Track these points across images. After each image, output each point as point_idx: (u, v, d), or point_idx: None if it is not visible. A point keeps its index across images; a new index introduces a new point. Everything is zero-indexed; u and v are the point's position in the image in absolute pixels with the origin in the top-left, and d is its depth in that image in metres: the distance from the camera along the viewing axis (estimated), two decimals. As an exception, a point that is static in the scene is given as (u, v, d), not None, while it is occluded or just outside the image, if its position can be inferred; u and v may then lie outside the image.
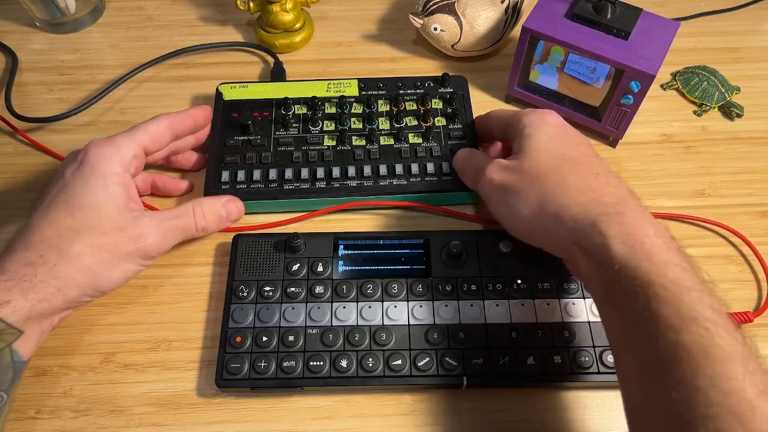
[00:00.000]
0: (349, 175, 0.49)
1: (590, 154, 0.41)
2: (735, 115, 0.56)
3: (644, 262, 0.33)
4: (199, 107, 0.49)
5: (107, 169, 0.41)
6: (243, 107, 0.52)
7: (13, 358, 0.36)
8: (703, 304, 0.31)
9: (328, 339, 0.42)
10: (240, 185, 0.49)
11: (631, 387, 0.33)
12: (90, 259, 0.38)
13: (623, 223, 0.35)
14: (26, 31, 0.63)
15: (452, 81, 0.54)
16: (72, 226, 0.39)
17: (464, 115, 0.52)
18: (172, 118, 0.46)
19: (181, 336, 0.44)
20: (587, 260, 0.36)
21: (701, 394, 0.28)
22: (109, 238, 0.39)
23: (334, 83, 0.54)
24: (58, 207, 0.39)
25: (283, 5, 0.58)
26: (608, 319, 0.36)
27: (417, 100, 0.53)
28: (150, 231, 0.41)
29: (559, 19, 0.50)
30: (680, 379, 0.29)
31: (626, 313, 0.33)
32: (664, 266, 0.33)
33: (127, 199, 0.41)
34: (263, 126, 0.52)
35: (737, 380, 0.28)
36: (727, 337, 0.30)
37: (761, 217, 0.50)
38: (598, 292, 0.37)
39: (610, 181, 0.39)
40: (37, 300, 0.36)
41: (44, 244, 0.38)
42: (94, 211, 0.39)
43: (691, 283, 0.32)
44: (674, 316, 0.31)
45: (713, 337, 0.30)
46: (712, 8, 0.64)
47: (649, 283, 0.32)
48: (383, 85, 0.54)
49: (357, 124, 0.52)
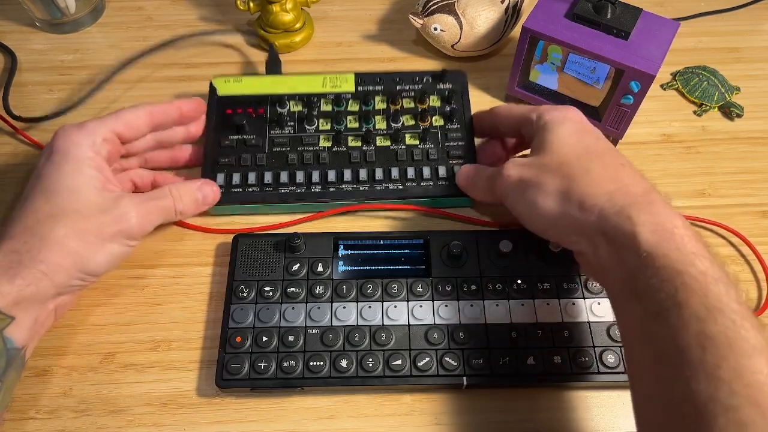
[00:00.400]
0: (344, 180, 0.49)
1: (613, 148, 0.41)
2: (735, 115, 0.56)
3: (674, 251, 0.33)
4: (188, 99, 0.49)
5: (79, 154, 0.41)
6: (237, 104, 0.52)
7: (6, 345, 0.36)
8: (729, 297, 0.31)
9: (328, 339, 0.42)
10: (235, 188, 0.48)
11: (646, 379, 0.33)
12: (74, 242, 0.39)
13: (652, 212, 0.35)
14: (26, 31, 0.63)
15: (451, 76, 0.54)
16: (51, 212, 0.39)
17: (462, 115, 0.52)
18: (153, 107, 0.46)
19: (181, 336, 0.44)
20: (611, 249, 0.36)
21: (724, 384, 0.28)
22: (92, 220, 0.39)
23: (330, 78, 0.53)
24: (35, 196, 0.40)
25: (283, 5, 0.58)
26: (626, 310, 0.35)
27: (415, 96, 0.53)
28: (131, 211, 0.41)
29: (559, 19, 0.50)
30: (703, 370, 0.29)
31: (649, 303, 0.33)
32: (693, 257, 0.33)
33: (104, 181, 0.41)
34: (258, 125, 0.51)
35: (761, 374, 0.28)
36: (752, 330, 0.30)
37: (761, 218, 0.50)
38: (617, 283, 0.36)
39: (635, 173, 0.39)
40: (24, 285, 0.37)
41: (27, 233, 0.38)
42: (72, 195, 0.40)
43: (718, 275, 0.32)
44: (701, 306, 0.31)
45: (738, 329, 0.30)
46: (712, 8, 0.64)
47: (678, 272, 0.32)
48: (380, 80, 0.53)
49: (353, 123, 0.51)
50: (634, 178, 0.38)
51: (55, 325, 0.44)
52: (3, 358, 0.36)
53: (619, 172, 0.38)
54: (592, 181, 0.38)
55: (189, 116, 0.49)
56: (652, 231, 0.34)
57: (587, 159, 0.39)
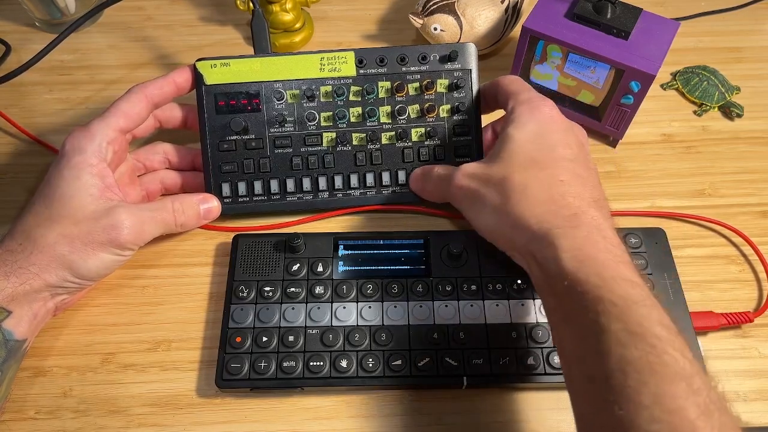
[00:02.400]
0: (352, 185, 0.48)
1: (570, 156, 0.40)
2: (735, 115, 0.56)
3: (593, 277, 0.33)
4: (181, 69, 0.47)
5: (81, 160, 0.41)
6: (230, 95, 0.47)
7: (5, 337, 0.37)
8: (651, 320, 0.31)
9: (328, 339, 0.42)
10: (242, 198, 0.48)
11: (580, 400, 0.32)
12: (63, 248, 0.39)
13: (576, 237, 0.35)
14: (25, 31, 0.63)
15: (459, 55, 0.48)
16: (47, 217, 0.40)
17: (472, 103, 0.49)
18: (148, 88, 0.45)
19: (181, 336, 0.44)
20: (540, 272, 0.36)
21: (645, 410, 0.28)
22: (81, 227, 0.40)
23: (328, 58, 0.48)
24: (38, 199, 0.41)
25: (283, 5, 0.58)
26: (559, 332, 0.35)
27: (421, 80, 0.48)
28: (125, 221, 0.41)
29: (559, 19, 0.50)
30: (624, 395, 0.29)
31: (576, 327, 0.33)
32: (613, 281, 0.32)
33: (103, 188, 0.41)
34: (257, 123, 0.48)
35: (681, 399, 0.28)
36: (674, 353, 0.30)
37: (761, 217, 0.50)
38: (549, 304, 0.36)
39: (572, 189, 0.38)
40: (19, 283, 0.38)
41: (23, 234, 0.40)
42: (66, 201, 0.40)
43: (640, 298, 0.32)
44: (622, 332, 0.30)
45: (660, 354, 0.29)
46: (712, 8, 0.64)
47: (598, 299, 0.32)
48: (383, 60, 0.48)
49: (356, 116, 0.49)
50: (568, 197, 0.38)
51: (54, 325, 0.44)
52: (3, 349, 0.37)
53: (555, 189, 0.38)
54: (526, 201, 0.38)
55: (184, 87, 0.47)
56: (573, 257, 0.34)
57: (530, 174, 0.39)
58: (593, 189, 0.39)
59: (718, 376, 0.41)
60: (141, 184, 0.48)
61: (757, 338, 0.44)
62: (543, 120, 0.41)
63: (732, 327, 0.44)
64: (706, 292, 0.46)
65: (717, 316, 0.43)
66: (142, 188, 0.48)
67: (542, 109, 0.42)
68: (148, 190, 0.49)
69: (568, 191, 0.38)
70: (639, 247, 0.46)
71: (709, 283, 0.46)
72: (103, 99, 0.57)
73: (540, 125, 0.41)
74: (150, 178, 0.49)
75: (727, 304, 0.45)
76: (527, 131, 0.41)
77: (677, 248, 0.46)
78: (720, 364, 0.42)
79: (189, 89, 0.48)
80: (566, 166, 0.39)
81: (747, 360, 0.43)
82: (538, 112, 0.42)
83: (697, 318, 0.43)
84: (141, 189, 0.48)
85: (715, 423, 0.28)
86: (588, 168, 0.40)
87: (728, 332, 0.44)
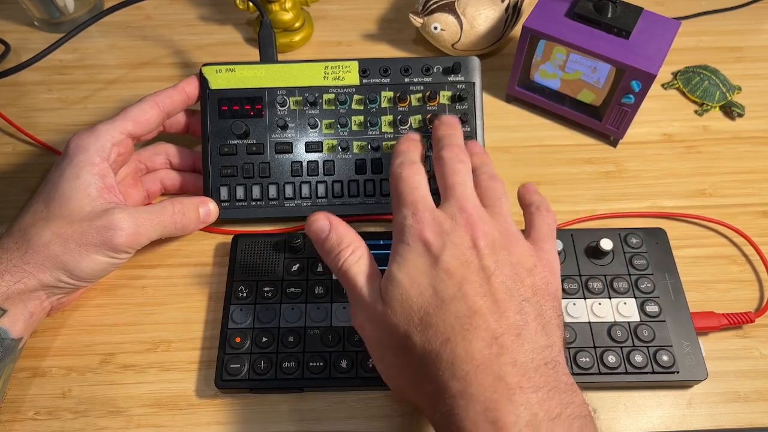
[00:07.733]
0: (351, 194, 0.48)
1: (451, 313, 0.32)
2: (736, 114, 0.56)
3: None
4: (189, 79, 0.48)
5: (82, 159, 0.41)
6: (233, 100, 0.48)
7: (1, 335, 0.37)
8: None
9: (328, 339, 0.41)
10: (240, 203, 0.48)
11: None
12: (57, 248, 0.39)
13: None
14: (25, 31, 0.63)
15: (463, 67, 0.49)
16: (45, 216, 0.40)
17: (474, 115, 0.49)
18: (159, 96, 0.45)
19: (181, 337, 0.44)
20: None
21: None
22: (75, 227, 0.39)
23: (332, 67, 0.49)
24: (38, 198, 0.41)
25: (283, 4, 0.58)
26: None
27: (424, 91, 0.49)
28: (122, 223, 0.40)
29: (560, 18, 0.50)
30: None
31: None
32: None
33: (102, 188, 0.41)
34: (259, 128, 0.48)
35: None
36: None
37: (762, 217, 0.50)
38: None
39: (440, 365, 0.31)
40: (13, 282, 0.38)
41: (20, 233, 0.39)
42: (64, 200, 0.40)
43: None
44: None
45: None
46: (713, 7, 0.64)
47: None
48: (387, 71, 0.49)
49: (358, 124, 0.49)
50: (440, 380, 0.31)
51: (53, 325, 0.44)
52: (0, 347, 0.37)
53: (421, 372, 0.32)
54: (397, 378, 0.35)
55: (193, 96, 0.48)
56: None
57: (400, 350, 0.34)
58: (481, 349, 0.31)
59: (718, 376, 0.41)
60: (142, 185, 0.48)
61: (758, 338, 0.44)
62: (425, 253, 0.35)
63: (733, 327, 0.44)
64: (707, 292, 0.46)
65: (718, 316, 0.43)
66: (143, 189, 0.48)
67: (417, 238, 0.35)
68: (148, 189, 0.49)
69: (437, 368, 0.32)
70: (640, 247, 0.46)
71: (710, 283, 0.46)
72: (103, 99, 0.57)
73: (423, 260, 0.35)
74: (150, 178, 0.49)
75: (728, 305, 0.45)
76: (407, 273, 0.35)
77: (678, 248, 0.46)
78: (721, 365, 0.42)
79: (197, 98, 0.48)
80: (437, 328, 0.33)
81: (748, 360, 0.43)
82: (416, 241, 0.35)
83: (698, 318, 0.43)
84: (143, 190, 0.48)
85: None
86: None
87: (729, 332, 0.44)
